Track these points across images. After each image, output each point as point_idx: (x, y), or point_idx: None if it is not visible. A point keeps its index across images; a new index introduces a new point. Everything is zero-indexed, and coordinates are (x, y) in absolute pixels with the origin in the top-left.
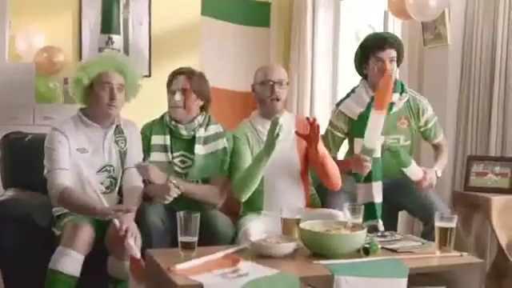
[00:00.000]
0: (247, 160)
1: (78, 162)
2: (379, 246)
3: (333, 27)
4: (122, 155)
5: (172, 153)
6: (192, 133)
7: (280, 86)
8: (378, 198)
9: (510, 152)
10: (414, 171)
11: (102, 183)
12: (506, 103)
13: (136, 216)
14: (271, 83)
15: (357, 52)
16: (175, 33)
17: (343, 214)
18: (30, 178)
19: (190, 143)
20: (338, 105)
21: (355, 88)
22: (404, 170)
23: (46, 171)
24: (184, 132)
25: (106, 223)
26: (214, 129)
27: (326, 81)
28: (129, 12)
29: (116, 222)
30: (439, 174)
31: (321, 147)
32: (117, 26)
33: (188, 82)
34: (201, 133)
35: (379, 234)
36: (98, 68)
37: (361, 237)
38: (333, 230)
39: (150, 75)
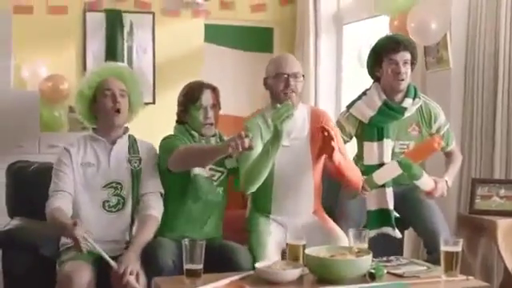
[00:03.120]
0: (257, 150)
1: (83, 176)
2: (385, 271)
3: (335, 52)
4: (135, 175)
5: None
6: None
7: (295, 79)
8: (391, 205)
9: None
10: (425, 183)
11: (107, 200)
12: (510, 126)
13: (145, 249)
14: (285, 76)
15: (370, 54)
16: (179, 60)
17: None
18: (36, 206)
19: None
20: (348, 107)
21: (367, 90)
22: (415, 182)
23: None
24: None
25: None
26: None
27: (330, 105)
28: (133, 39)
29: (113, 263)
30: (450, 184)
31: (336, 156)
32: (121, 54)
33: (215, 97)
34: None
35: (384, 259)
36: (97, 77)
37: (366, 262)
38: (338, 256)
39: (154, 102)
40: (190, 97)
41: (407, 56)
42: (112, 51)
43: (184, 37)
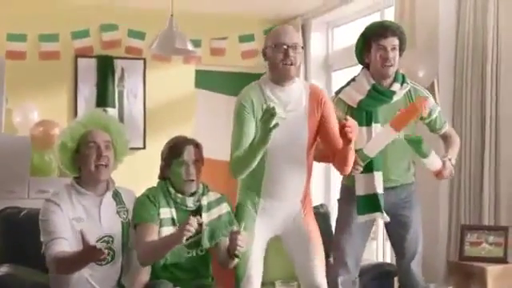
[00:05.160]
0: (249, 131)
1: (74, 231)
2: None
3: None
4: (124, 227)
5: (179, 225)
6: (197, 203)
7: (294, 50)
8: (379, 189)
9: (503, 221)
10: (433, 161)
11: None
12: (498, 171)
13: None
14: (285, 47)
15: (358, 40)
16: (169, 105)
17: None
18: (25, 253)
19: (194, 213)
20: (337, 93)
21: (355, 76)
22: (424, 160)
23: (43, 247)
24: (191, 204)
25: None
26: (213, 195)
27: None
28: (124, 85)
29: None
30: (453, 162)
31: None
32: (112, 99)
33: (198, 152)
34: (204, 201)
35: None
36: (81, 129)
37: None
38: None
39: (144, 147)
40: (173, 152)
41: (395, 42)
42: (103, 96)
43: (175, 82)
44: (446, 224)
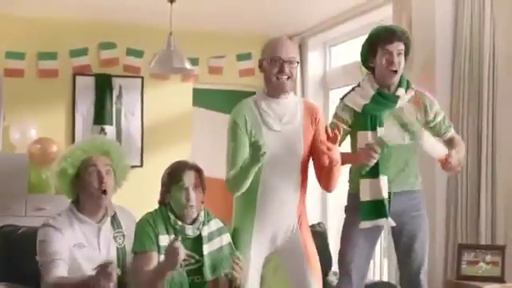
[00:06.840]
0: (243, 148)
1: (76, 257)
2: None
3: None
4: (120, 252)
5: None
6: (197, 231)
7: (290, 65)
8: (385, 194)
9: (500, 240)
10: (433, 146)
11: None
12: (494, 191)
13: None
14: (281, 61)
15: (364, 45)
16: (167, 123)
17: None
18: (23, 272)
19: (194, 242)
20: (342, 99)
21: (360, 82)
22: (421, 144)
23: (40, 268)
24: (190, 232)
25: None
26: (214, 224)
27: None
28: (121, 103)
29: None
30: (461, 158)
31: (335, 154)
32: (109, 117)
33: (198, 178)
34: (205, 231)
35: None
36: (81, 155)
37: None
38: None
39: (141, 165)
40: (173, 177)
41: (401, 46)
42: (101, 114)
43: (172, 100)
44: (442, 243)
